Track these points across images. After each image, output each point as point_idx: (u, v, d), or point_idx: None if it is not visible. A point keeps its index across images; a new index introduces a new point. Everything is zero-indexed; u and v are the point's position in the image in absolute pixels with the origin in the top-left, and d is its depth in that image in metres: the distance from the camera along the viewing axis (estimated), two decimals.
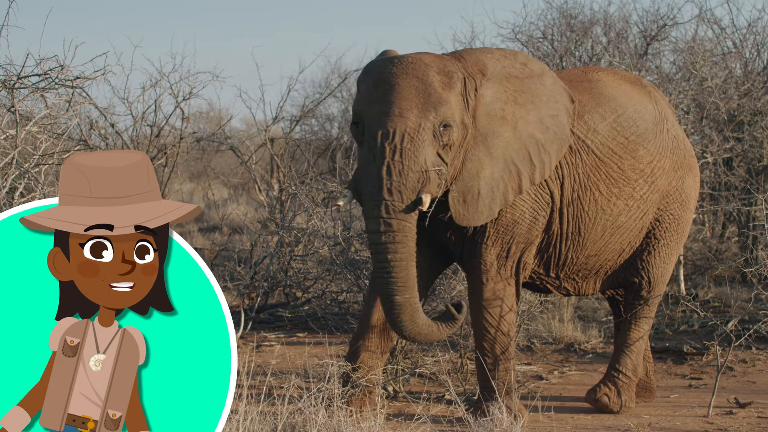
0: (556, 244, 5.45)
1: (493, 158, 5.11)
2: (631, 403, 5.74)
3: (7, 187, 5.60)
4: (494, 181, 5.11)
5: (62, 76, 6.17)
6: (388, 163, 4.78)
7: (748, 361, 7.11)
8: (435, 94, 4.87)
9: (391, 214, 4.79)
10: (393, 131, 4.80)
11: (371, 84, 4.96)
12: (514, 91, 5.21)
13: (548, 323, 7.74)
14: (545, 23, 11.56)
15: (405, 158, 4.79)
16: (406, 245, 4.84)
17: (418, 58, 4.97)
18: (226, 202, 15.87)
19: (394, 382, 5.95)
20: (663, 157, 5.64)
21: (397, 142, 4.79)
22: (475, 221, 5.10)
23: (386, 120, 4.83)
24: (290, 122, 10.93)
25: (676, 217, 5.74)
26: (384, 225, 4.80)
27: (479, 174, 5.08)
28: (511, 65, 5.26)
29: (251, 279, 8.32)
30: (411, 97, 4.85)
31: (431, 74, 4.91)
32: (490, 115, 5.12)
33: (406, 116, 4.82)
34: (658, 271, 5.75)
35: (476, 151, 5.08)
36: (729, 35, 10.65)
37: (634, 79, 5.84)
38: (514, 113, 5.18)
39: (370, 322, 5.37)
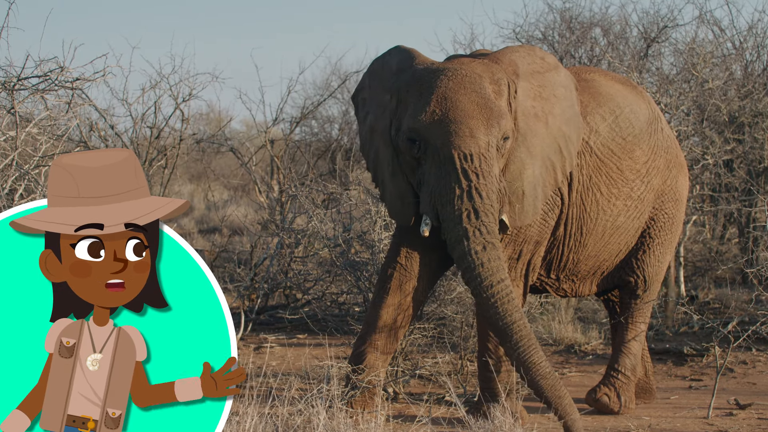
0: (559, 246, 5.46)
1: (533, 157, 5.12)
2: (631, 403, 5.74)
3: (7, 188, 5.60)
4: (535, 179, 5.13)
5: (62, 78, 6.18)
6: (475, 186, 4.75)
7: (748, 362, 7.11)
8: (495, 107, 4.86)
9: (492, 234, 4.77)
10: (470, 154, 4.76)
11: (427, 100, 4.86)
12: (538, 86, 5.22)
13: (548, 325, 7.74)
14: (545, 24, 11.58)
15: (487, 180, 4.77)
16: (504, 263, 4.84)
17: (471, 70, 4.92)
18: (226, 203, 15.87)
19: (394, 384, 5.95)
20: (658, 156, 5.67)
21: (476, 164, 4.75)
22: (522, 221, 5.11)
23: (460, 142, 4.77)
24: (290, 124, 10.94)
25: (671, 216, 5.76)
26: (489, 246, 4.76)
27: (522, 174, 5.09)
28: (533, 61, 5.28)
29: (251, 280, 8.31)
30: (476, 115, 4.81)
31: (486, 85, 4.90)
32: (525, 114, 5.13)
33: (477, 136, 4.79)
34: (653, 270, 5.77)
35: (518, 152, 5.08)
36: (729, 37, 10.65)
37: (625, 80, 5.89)
38: (543, 108, 5.20)
39: (378, 322, 5.35)
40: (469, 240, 4.76)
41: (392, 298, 5.35)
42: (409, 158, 4.98)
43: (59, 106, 6.72)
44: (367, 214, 7.50)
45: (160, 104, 9.43)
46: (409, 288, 5.34)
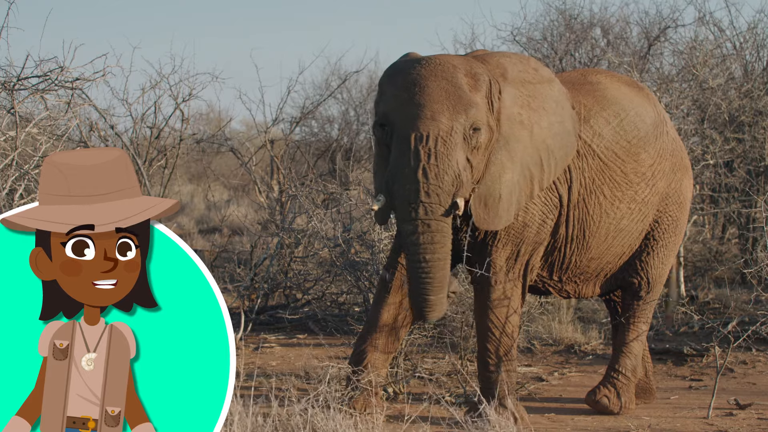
0: (561, 248, 5.46)
1: (513, 162, 5.12)
2: (630, 404, 5.74)
3: (7, 188, 5.60)
4: (513, 186, 5.12)
5: (62, 78, 6.18)
6: (423, 166, 4.77)
7: (748, 362, 7.11)
8: (465, 96, 4.87)
9: (430, 215, 4.79)
10: (427, 135, 4.78)
11: (399, 86, 4.92)
12: (527, 95, 5.21)
13: (548, 325, 7.74)
14: (545, 25, 11.57)
15: (440, 161, 4.78)
16: (444, 246, 4.85)
17: (446, 60, 4.96)
18: (226, 203, 15.88)
19: (394, 384, 5.95)
20: (663, 159, 5.66)
21: (431, 145, 4.77)
22: (495, 225, 5.10)
23: (419, 123, 4.80)
24: (290, 124, 10.94)
25: (674, 219, 5.75)
26: (423, 226, 4.79)
27: (501, 177, 5.08)
28: (525, 70, 5.27)
29: (251, 280, 8.31)
30: (442, 100, 4.83)
31: (460, 76, 4.91)
32: (510, 119, 5.13)
33: (438, 119, 4.80)
34: (656, 272, 5.77)
35: (499, 154, 5.08)
36: (729, 37, 10.65)
37: (631, 82, 5.86)
38: (530, 118, 5.19)
39: (379, 321, 5.36)
40: (409, 219, 4.80)
41: (393, 298, 5.36)
42: (384, 146, 5.02)
43: (59, 106, 6.72)
44: (367, 214, 7.50)
45: (160, 104, 9.44)
46: None
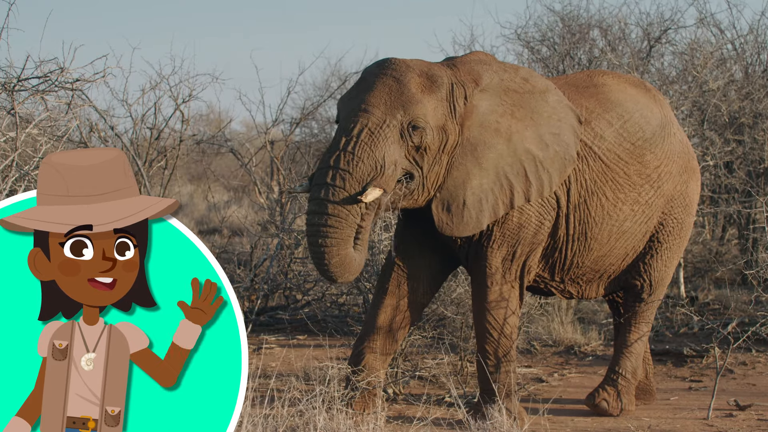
0: (562, 249, 5.45)
1: (482, 169, 5.09)
2: (630, 405, 5.74)
3: (7, 189, 5.60)
4: (483, 193, 5.10)
5: (62, 79, 6.18)
6: (339, 153, 4.82)
7: (748, 363, 7.11)
8: (407, 93, 4.91)
9: (329, 197, 4.80)
10: (354, 125, 4.86)
11: (354, 85, 5.06)
12: (511, 105, 5.19)
13: (548, 326, 7.74)
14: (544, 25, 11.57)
15: (357, 149, 4.81)
16: (338, 230, 4.81)
17: (402, 62, 5.03)
18: (226, 204, 15.87)
19: (394, 385, 5.95)
20: (670, 161, 5.64)
21: (354, 134, 4.84)
22: (460, 232, 5.09)
23: (352, 115, 4.89)
24: (290, 125, 10.93)
25: (680, 221, 5.73)
26: (319, 206, 4.81)
27: (466, 183, 5.07)
28: (510, 79, 5.24)
29: (251, 281, 8.32)
30: (381, 95, 4.90)
31: (410, 75, 4.95)
32: (483, 126, 5.10)
33: (371, 111, 4.87)
34: (660, 274, 5.76)
35: (463, 160, 5.07)
36: (729, 39, 10.65)
37: (639, 83, 5.83)
38: (510, 127, 5.16)
39: (376, 323, 5.37)
40: (311, 199, 4.84)
41: (390, 299, 5.36)
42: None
43: (59, 107, 6.72)
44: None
45: (160, 105, 9.43)
46: (409, 289, 5.35)
